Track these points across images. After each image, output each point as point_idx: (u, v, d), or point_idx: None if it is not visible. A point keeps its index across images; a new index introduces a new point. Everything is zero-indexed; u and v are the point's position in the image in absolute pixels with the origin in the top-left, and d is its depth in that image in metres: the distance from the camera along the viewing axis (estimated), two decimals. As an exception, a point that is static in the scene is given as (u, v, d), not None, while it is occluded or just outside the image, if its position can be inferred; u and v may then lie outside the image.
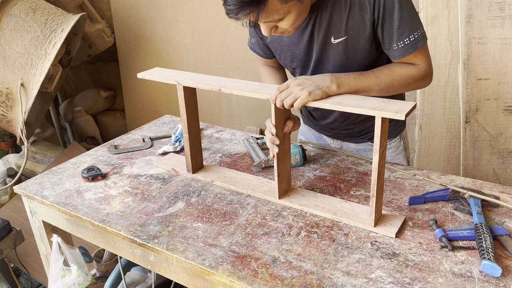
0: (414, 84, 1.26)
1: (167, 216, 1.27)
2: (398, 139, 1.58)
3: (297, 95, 1.13)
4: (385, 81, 1.21)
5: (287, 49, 1.37)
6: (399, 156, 1.59)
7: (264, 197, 1.33)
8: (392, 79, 1.22)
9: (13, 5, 2.33)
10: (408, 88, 1.27)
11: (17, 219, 2.40)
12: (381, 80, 1.21)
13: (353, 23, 1.22)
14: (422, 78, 1.26)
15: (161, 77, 1.42)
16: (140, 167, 1.58)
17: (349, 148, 1.62)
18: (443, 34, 2.25)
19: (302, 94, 1.12)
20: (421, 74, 1.25)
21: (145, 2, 3.07)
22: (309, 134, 1.73)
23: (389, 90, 1.22)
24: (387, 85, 1.21)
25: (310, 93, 1.12)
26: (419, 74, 1.25)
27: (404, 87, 1.25)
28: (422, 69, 1.25)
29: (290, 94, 1.14)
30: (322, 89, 1.14)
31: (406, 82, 1.23)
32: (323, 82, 1.15)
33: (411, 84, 1.25)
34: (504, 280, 0.96)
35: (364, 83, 1.19)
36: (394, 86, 1.22)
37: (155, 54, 3.19)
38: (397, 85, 1.22)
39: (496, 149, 2.16)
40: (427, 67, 1.26)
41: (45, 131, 3.32)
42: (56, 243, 1.43)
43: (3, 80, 2.33)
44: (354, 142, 1.60)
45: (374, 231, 1.15)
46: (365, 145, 1.58)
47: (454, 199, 1.26)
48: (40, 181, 1.51)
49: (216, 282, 1.06)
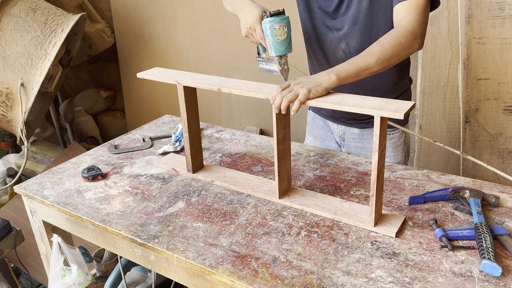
0: (407, 42, 1.23)
1: (168, 216, 1.27)
2: (400, 131, 1.57)
3: (297, 92, 1.14)
4: (376, 50, 1.20)
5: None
6: (398, 148, 1.59)
7: (264, 197, 1.33)
8: (382, 44, 1.21)
9: (13, 5, 2.33)
10: (403, 48, 1.23)
11: (17, 219, 2.40)
12: (372, 51, 1.20)
13: None
14: (411, 34, 1.23)
15: (161, 77, 1.42)
16: (140, 167, 1.58)
17: (352, 134, 1.61)
18: (443, 34, 2.26)
19: (302, 91, 1.13)
20: (409, 29, 1.23)
21: (145, 2, 3.07)
22: (315, 122, 1.73)
23: (385, 57, 1.20)
24: (379, 52, 1.20)
25: (310, 90, 1.13)
26: (407, 30, 1.23)
27: (398, 48, 1.22)
28: (410, 24, 1.24)
29: (291, 91, 1.15)
30: (321, 86, 1.15)
31: (397, 41, 1.21)
32: (322, 78, 1.16)
33: (403, 43, 1.22)
34: (504, 279, 0.96)
35: (359, 61, 1.19)
36: (386, 50, 1.20)
37: (155, 54, 3.19)
38: (389, 47, 1.20)
39: (496, 149, 2.16)
40: (414, 23, 1.24)
41: (45, 131, 3.32)
42: (56, 243, 1.43)
43: (3, 80, 2.33)
44: (358, 127, 1.59)
45: (374, 230, 1.15)
46: (369, 130, 1.58)
47: (454, 199, 1.26)
48: (40, 181, 1.51)
49: (217, 282, 1.06)
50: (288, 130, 1.27)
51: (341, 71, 1.17)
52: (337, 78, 1.16)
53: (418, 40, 1.26)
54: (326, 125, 1.70)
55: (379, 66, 1.20)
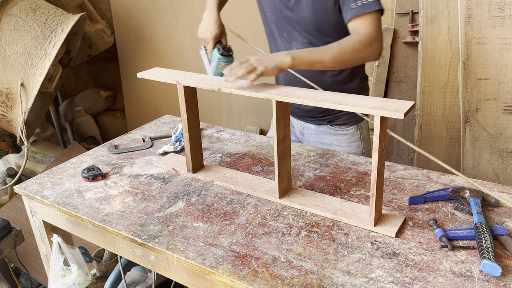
0: (365, 50, 1.33)
1: (168, 215, 1.27)
2: (355, 128, 1.68)
3: (254, 67, 1.24)
4: (335, 50, 1.30)
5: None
6: (353, 144, 1.68)
7: (264, 197, 1.33)
8: (341, 46, 1.31)
9: (13, 5, 2.33)
10: (360, 55, 1.34)
11: (17, 219, 2.40)
12: (332, 49, 1.30)
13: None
14: (370, 44, 1.33)
15: (161, 77, 1.42)
16: (140, 167, 1.58)
17: (310, 130, 1.75)
18: (443, 34, 2.26)
19: (259, 67, 1.24)
20: (368, 39, 1.33)
21: (145, 2, 3.07)
22: None
23: (341, 58, 1.31)
24: (337, 53, 1.30)
25: (266, 67, 1.24)
26: (366, 39, 1.33)
27: (355, 54, 1.33)
28: (369, 34, 1.34)
29: (249, 66, 1.25)
30: (277, 65, 1.26)
31: (356, 47, 1.32)
32: (279, 57, 1.27)
33: (361, 50, 1.33)
34: (504, 279, 0.96)
35: (316, 53, 1.30)
36: (344, 53, 1.31)
37: (155, 54, 3.19)
38: (347, 51, 1.31)
39: (496, 149, 2.16)
40: (374, 33, 1.34)
41: (45, 131, 3.32)
42: (56, 243, 1.43)
43: (3, 80, 2.33)
44: (314, 123, 1.70)
45: (374, 230, 1.15)
46: (324, 127, 1.70)
47: (454, 199, 1.26)
48: (40, 181, 1.51)
49: (217, 282, 1.06)
50: (288, 130, 1.27)
51: (297, 57, 1.27)
52: (292, 62, 1.26)
53: (375, 51, 1.36)
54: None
55: (332, 64, 1.31)
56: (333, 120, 1.67)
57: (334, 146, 1.70)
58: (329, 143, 1.71)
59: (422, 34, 2.29)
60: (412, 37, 2.40)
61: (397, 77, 2.53)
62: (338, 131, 1.68)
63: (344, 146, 1.69)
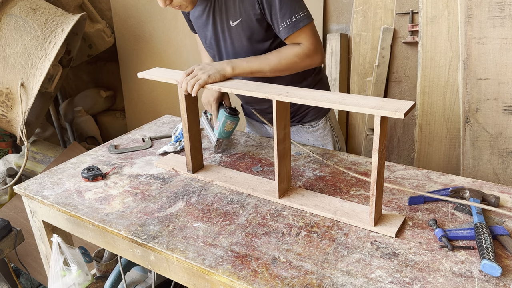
0: (302, 62, 1.40)
1: (167, 216, 1.27)
2: (324, 120, 1.71)
3: (198, 77, 1.32)
4: (273, 61, 1.38)
5: (201, 30, 1.55)
6: (327, 137, 1.73)
7: (264, 197, 1.33)
8: (280, 58, 1.38)
9: (13, 5, 2.33)
10: (297, 66, 1.40)
11: (17, 219, 2.40)
12: (270, 60, 1.38)
13: (244, 7, 1.38)
14: (308, 56, 1.39)
15: (161, 77, 1.42)
16: (140, 167, 1.58)
17: None
18: (443, 34, 2.25)
19: (202, 76, 1.32)
20: (305, 52, 1.38)
21: (145, 2, 3.07)
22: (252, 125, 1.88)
23: (279, 69, 1.39)
24: (275, 64, 1.38)
25: (209, 76, 1.32)
26: (303, 52, 1.38)
27: (293, 65, 1.39)
28: (306, 48, 1.38)
29: (194, 77, 1.33)
30: (219, 72, 1.34)
31: (293, 60, 1.38)
32: (221, 66, 1.35)
33: (298, 63, 1.39)
34: (504, 279, 0.96)
35: (255, 64, 1.37)
36: (282, 64, 1.38)
37: (155, 54, 3.19)
38: (285, 63, 1.38)
39: (496, 149, 2.16)
40: (311, 46, 1.38)
41: (45, 131, 3.32)
42: (56, 243, 1.43)
43: (3, 80, 2.33)
44: None
45: (374, 230, 1.15)
46: (297, 127, 1.73)
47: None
48: (40, 181, 1.51)
49: (216, 282, 1.06)
50: (288, 130, 1.27)
51: (237, 66, 1.36)
52: (232, 70, 1.35)
53: (314, 58, 1.41)
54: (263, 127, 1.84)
55: (271, 73, 1.39)
56: (302, 119, 1.70)
57: (312, 142, 1.73)
58: (306, 140, 1.74)
59: (422, 34, 2.29)
60: (412, 37, 2.40)
61: (397, 77, 2.53)
62: (310, 128, 1.71)
63: (320, 141, 1.73)
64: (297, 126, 1.73)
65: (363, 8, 2.51)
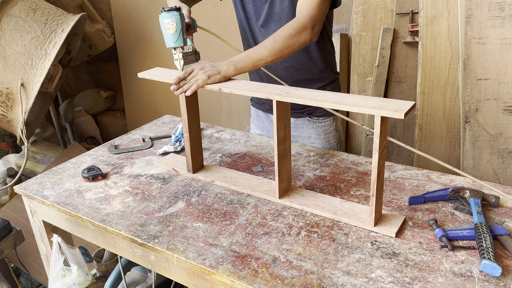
0: (296, 33, 1.32)
1: (168, 216, 1.27)
2: (332, 119, 1.71)
3: (198, 77, 1.30)
4: (269, 42, 1.32)
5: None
6: (329, 135, 1.72)
7: (264, 197, 1.33)
8: (275, 37, 1.32)
9: (13, 5, 2.33)
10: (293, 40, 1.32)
11: (17, 219, 2.40)
12: (266, 43, 1.32)
13: None
14: (301, 26, 1.32)
15: (162, 77, 1.42)
16: (140, 167, 1.58)
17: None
18: (443, 34, 2.25)
19: (202, 77, 1.30)
20: (300, 22, 1.32)
21: (145, 2, 3.07)
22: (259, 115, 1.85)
23: (277, 48, 1.31)
24: (272, 44, 1.31)
25: (209, 76, 1.30)
26: (298, 23, 1.32)
27: (288, 40, 1.31)
28: (302, 18, 1.33)
29: (194, 76, 1.31)
30: (220, 73, 1.31)
31: (288, 33, 1.31)
32: (222, 67, 1.32)
33: (293, 35, 1.32)
34: (504, 279, 0.96)
35: (253, 54, 1.33)
36: (278, 42, 1.31)
37: (155, 54, 3.19)
38: (280, 39, 1.31)
39: (496, 149, 2.16)
40: (307, 16, 1.33)
41: (45, 131, 3.32)
42: (57, 243, 1.43)
43: (3, 80, 2.33)
44: (294, 117, 1.71)
45: (374, 230, 1.15)
46: (303, 120, 1.71)
47: (454, 199, 1.26)
48: (40, 181, 1.51)
49: (217, 282, 1.06)
50: (288, 130, 1.27)
51: (238, 62, 1.33)
52: (235, 68, 1.32)
53: (309, 32, 1.34)
54: (267, 116, 1.81)
55: (272, 56, 1.32)
56: (312, 112, 1.69)
57: (313, 139, 1.72)
58: (308, 136, 1.72)
59: (422, 34, 2.29)
60: (412, 37, 2.40)
61: (397, 77, 2.53)
62: (317, 123, 1.70)
63: (322, 138, 1.72)
64: (304, 119, 1.70)
65: (363, 8, 2.51)
